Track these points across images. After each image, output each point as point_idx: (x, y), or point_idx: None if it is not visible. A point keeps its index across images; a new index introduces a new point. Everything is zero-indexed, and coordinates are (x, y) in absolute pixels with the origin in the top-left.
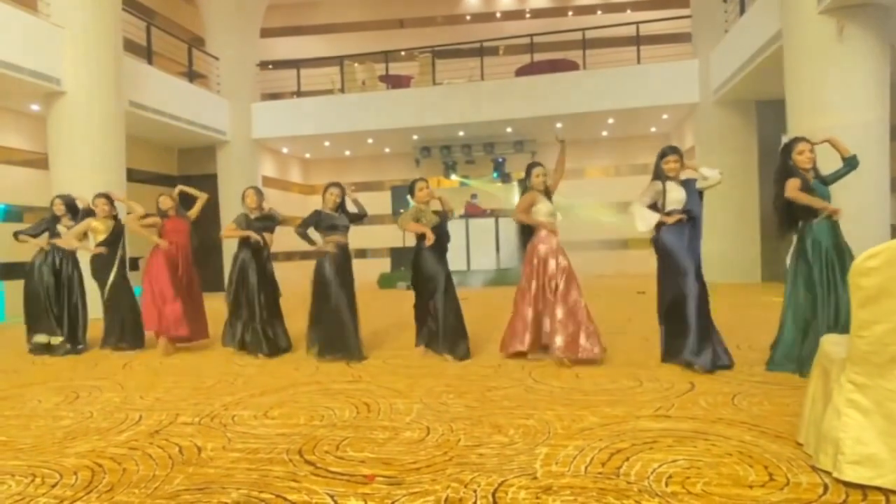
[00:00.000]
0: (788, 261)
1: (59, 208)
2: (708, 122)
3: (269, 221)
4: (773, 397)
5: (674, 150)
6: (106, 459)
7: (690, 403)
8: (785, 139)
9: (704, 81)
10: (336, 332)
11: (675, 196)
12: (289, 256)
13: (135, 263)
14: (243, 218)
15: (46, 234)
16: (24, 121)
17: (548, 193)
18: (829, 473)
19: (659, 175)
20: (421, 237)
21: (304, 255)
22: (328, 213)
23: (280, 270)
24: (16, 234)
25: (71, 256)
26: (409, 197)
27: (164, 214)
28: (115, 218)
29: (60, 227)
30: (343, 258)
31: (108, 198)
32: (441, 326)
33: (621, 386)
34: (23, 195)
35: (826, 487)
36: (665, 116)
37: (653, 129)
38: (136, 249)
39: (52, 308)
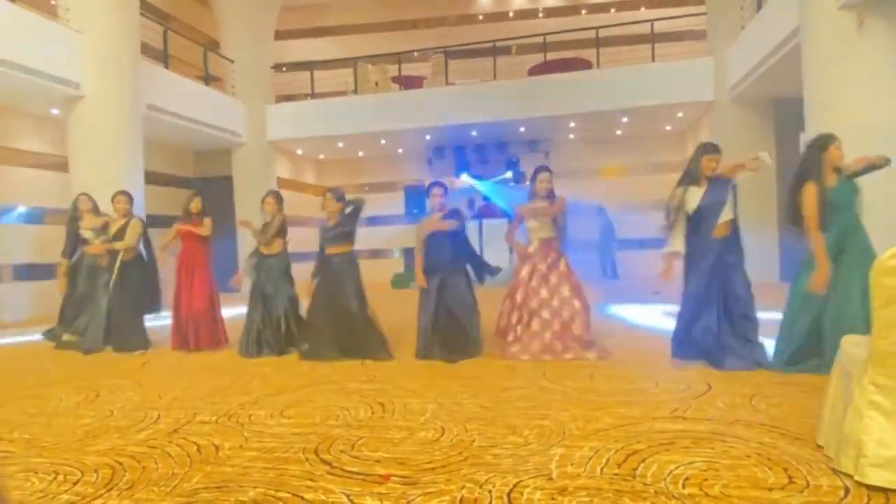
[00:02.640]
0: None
1: (87, 204)
2: (724, 121)
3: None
4: (793, 399)
5: (716, 148)
6: (126, 457)
7: (707, 405)
8: (803, 137)
9: (720, 79)
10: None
11: (693, 202)
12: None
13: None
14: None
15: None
16: (45, 125)
17: (552, 199)
18: (850, 476)
19: (691, 172)
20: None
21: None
22: (329, 226)
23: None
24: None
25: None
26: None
27: (189, 217)
28: (134, 217)
29: (85, 232)
30: (341, 270)
31: (129, 195)
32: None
33: (637, 387)
34: (44, 198)
35: (847, 490)
36: (680, 115)
37: (668, 128)
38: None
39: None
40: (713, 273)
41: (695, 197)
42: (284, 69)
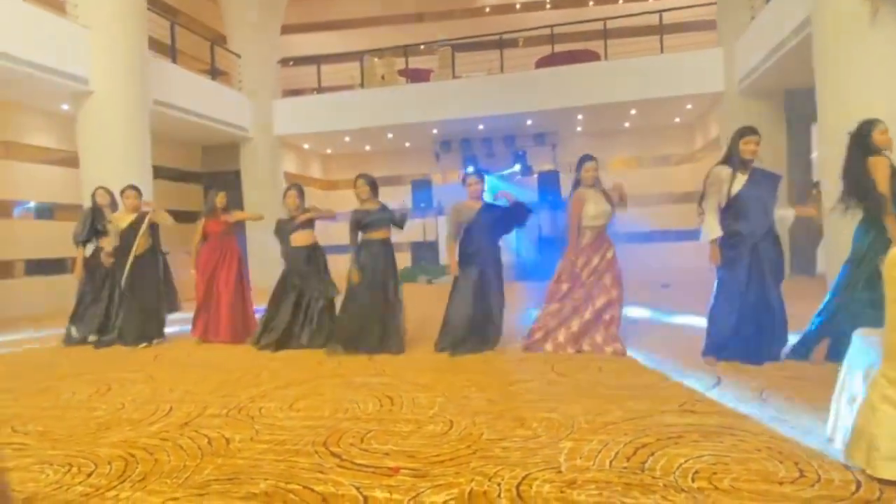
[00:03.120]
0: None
1: (105, 197)
2: (734, 112)
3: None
4: (803, 392)
5: (754, 130)
6: (138, 450)
7: (717, 398)
8: (816, 128)
9: (730, 70)
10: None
11: (733, 188)
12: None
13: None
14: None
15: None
16: (55, 120)
17: (600, 189)
18: (862, 470)
19: (732, 157)
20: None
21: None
22: (371, 210)
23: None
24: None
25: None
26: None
27: (213, 212)
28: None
29: (109, 226)
30: (384, 255)
31: (139, 190)
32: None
33: (646, 381)
34: (55, 193)
35: (859, 484)
36: (689, 106)
37: (676, 120)
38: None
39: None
40: (751, 270)
41: (735, 183)
42: (291, 63)
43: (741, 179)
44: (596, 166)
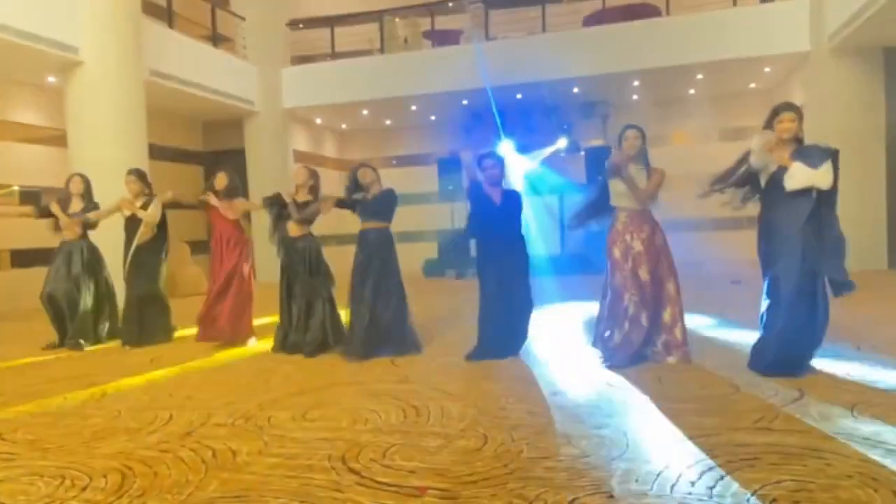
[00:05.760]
0: None
1: (79, 186)
2: (822, 76)
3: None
4: None
5: (791, 107)
6: (136, 462)
7: (799, 414)
8: None
9: (817, 25)
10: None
11: (772, 166)
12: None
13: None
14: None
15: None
16: (42, 95)
17: (644, 165)
18: None
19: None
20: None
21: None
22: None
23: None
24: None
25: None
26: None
27: (215, 195)
28: (152, 198)
29: (61, 222)
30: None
31: (140, 174)
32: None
33: (714, 392)
34: (41, 176)
35: None
36: (767, 70)
37: (752, 86)
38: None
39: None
40: (803, 262)
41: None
42: (301, 26)
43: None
44: (638, 135)
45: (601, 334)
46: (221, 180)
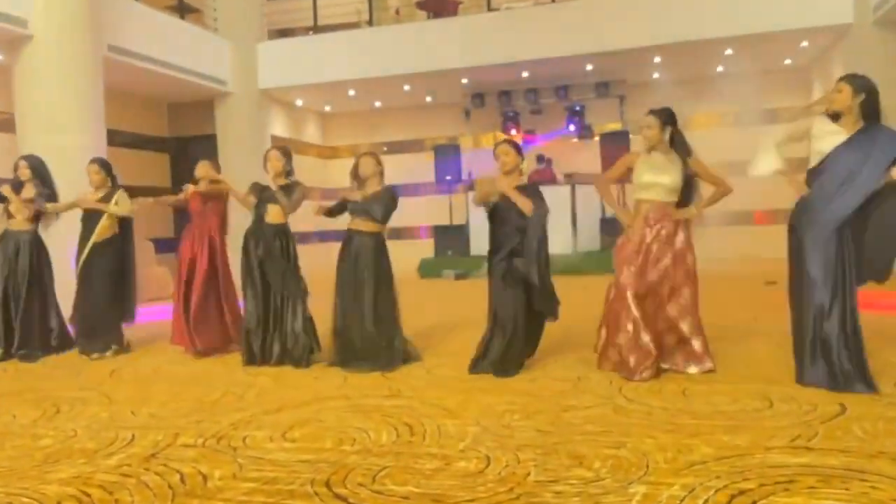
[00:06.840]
0: None
1: (25, 172)
2: (866, 51)
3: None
4: None
5: (850, 77)
6: (94, 488)
7: (841, 432)
8: None
9: None
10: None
11: (823, 146)
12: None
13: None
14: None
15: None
16: None
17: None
18: None
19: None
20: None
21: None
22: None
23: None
24: None
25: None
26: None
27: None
28: (117, 188)
29: (12, 206)
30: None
31: (104, 163)
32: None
33: (745, 407)
34: None
35: None
36: (804, 44)
37: (787, 62)
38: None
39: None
40: (838, 259)
41: (830, 140)
42: None
43: (838, 137)
44: (653, 124)
45: (603, 338)
46: (203, 169)
